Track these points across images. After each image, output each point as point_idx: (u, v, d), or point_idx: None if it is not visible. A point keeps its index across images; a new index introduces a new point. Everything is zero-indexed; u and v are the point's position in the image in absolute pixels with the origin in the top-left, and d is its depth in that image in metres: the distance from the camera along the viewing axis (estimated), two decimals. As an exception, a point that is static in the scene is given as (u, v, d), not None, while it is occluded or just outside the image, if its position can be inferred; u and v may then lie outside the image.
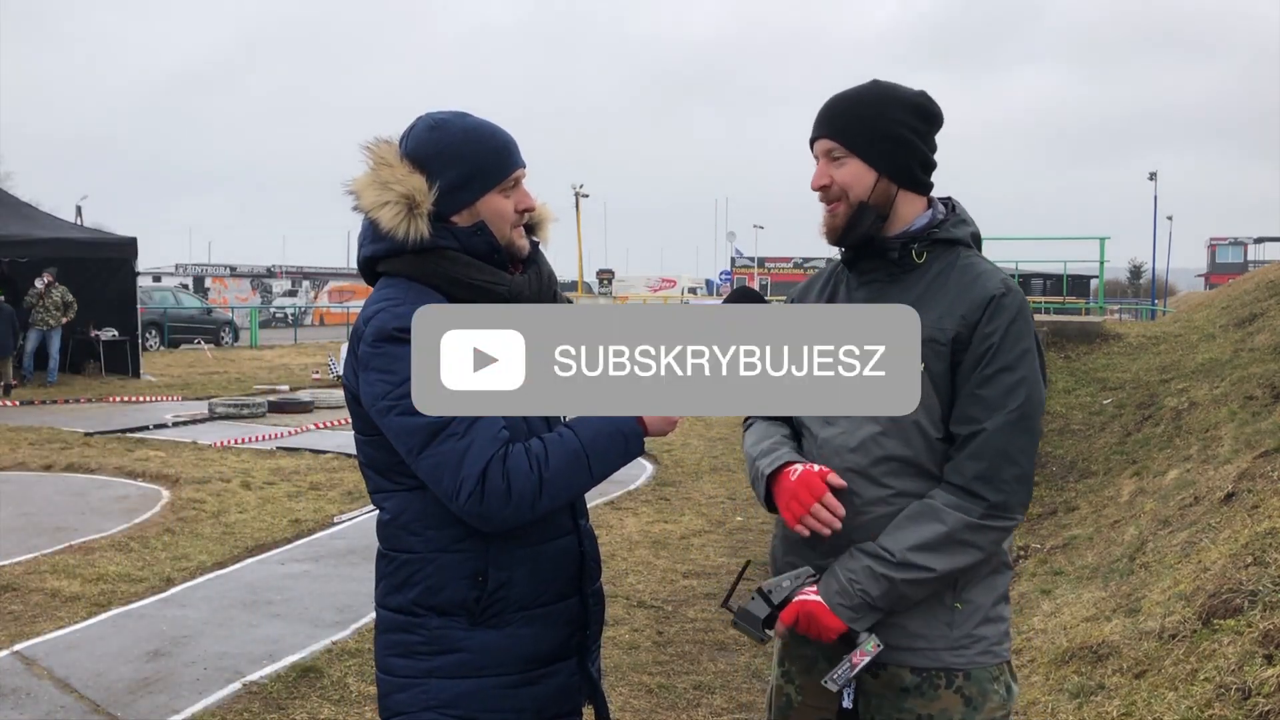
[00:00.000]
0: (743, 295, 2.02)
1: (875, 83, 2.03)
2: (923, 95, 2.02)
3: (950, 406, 1.94)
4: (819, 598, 1.88)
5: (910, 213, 2.01)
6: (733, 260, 59.03)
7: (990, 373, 1.90)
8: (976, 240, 2.06)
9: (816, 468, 1.94)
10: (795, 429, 2.13)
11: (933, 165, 2.03)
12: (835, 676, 1.87)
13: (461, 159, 1.89)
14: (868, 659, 1.86)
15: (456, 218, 1.91)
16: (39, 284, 16.42)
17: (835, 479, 1.93)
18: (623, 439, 1.85)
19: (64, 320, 16.71)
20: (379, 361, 1.81)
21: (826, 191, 2.00)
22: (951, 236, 2.00)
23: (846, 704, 1.92)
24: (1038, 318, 13.46)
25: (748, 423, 2.27)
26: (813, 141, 2.03)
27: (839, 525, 1.91)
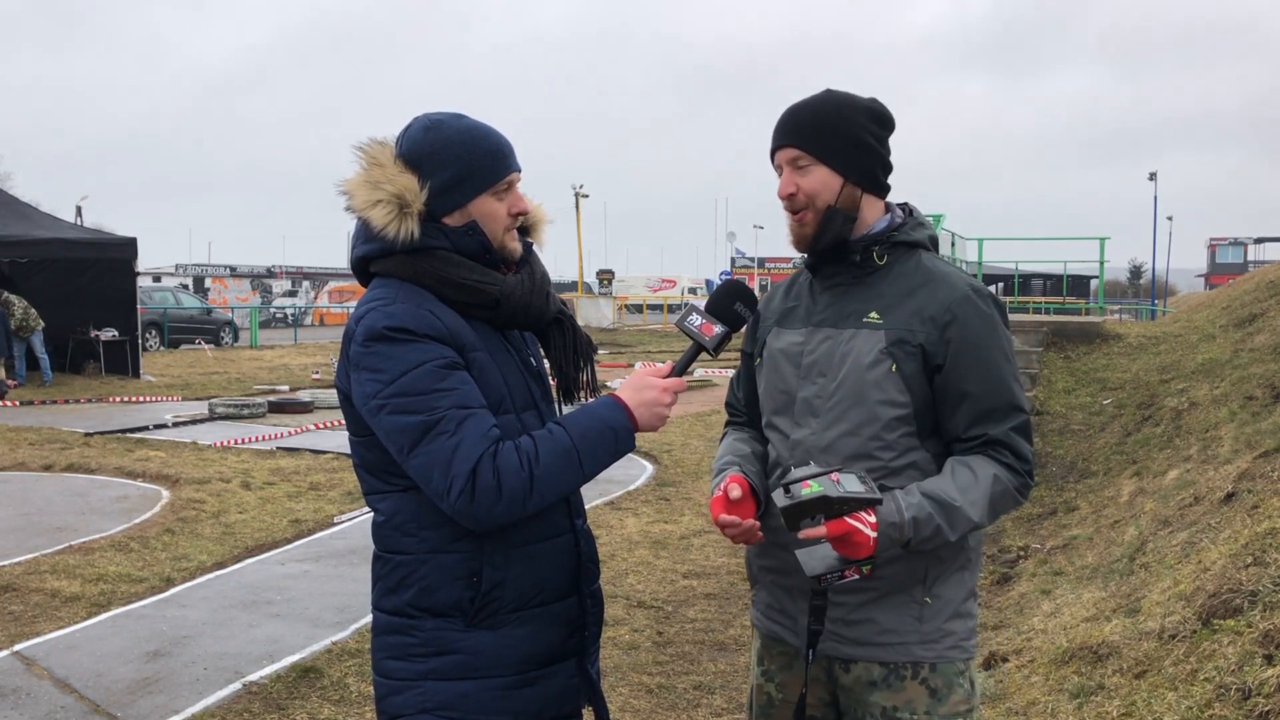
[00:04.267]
0: (732, 291, 2.00)
1: (830, 91, 2.07)
2: (875, 102, 2.07)
3: (925, 407, 1.97)
4: (874, 532, 1.81)
5: (870, 216, 2.05)
6: (733, 260, 59.00)
7: (975, 376, 1.95)
8: (934, 243, 2.11)
9: (720, 489, 1.97)
10: (764, 434, 2.15)
11: (891, 169, 2.08)
12: (826, 577, 1.83)
13: (455, 160, 1.88)
14: (856, 578, 1.84)
15: (448, 219, 1.90)
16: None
17: (734, 489, 1.95)
18: (613, 435, 1.85)
19: (40, 325, 16.41)
20: (370, 361, 1.81)
21: (793, 200, 2.02)
22: (911, 239, 2.05)
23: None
24: (1037, 318, 13.48)
25: (724, 433, 2.31)
26: (774, 151, 2.06)
27: (748, 534, 1.94)
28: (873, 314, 1.99)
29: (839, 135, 2.00)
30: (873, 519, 1.81)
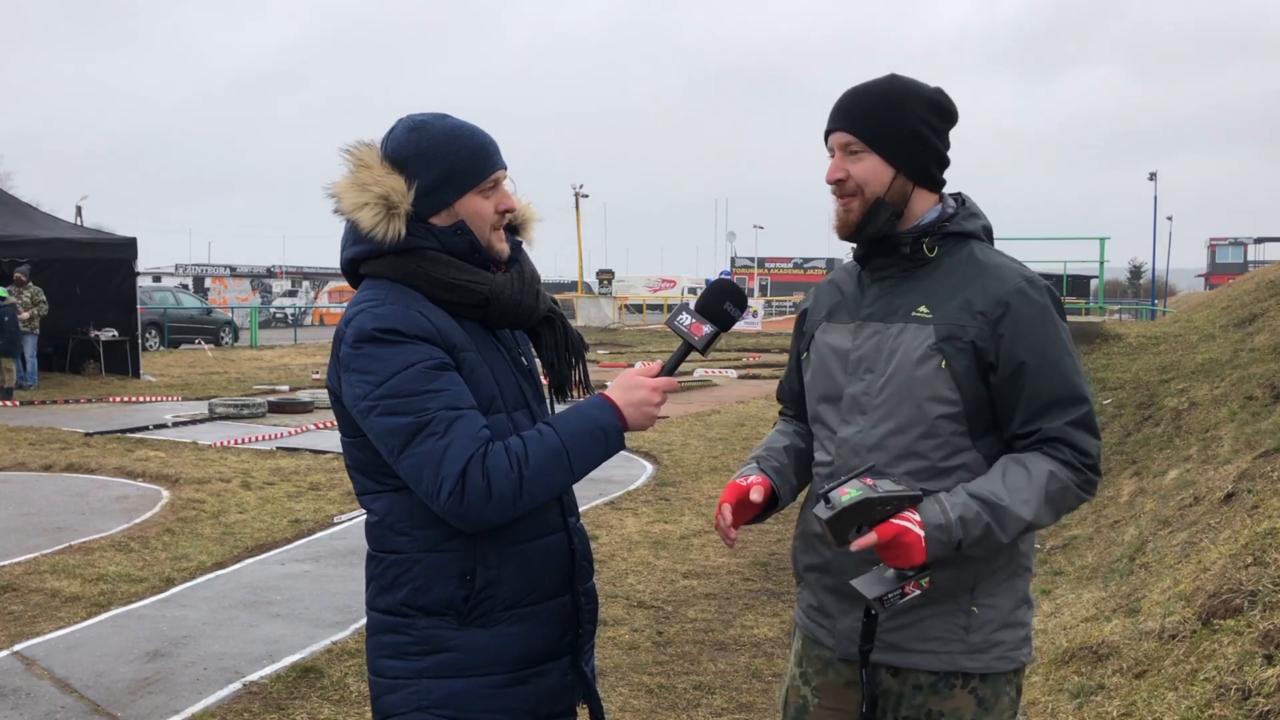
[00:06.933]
0: (722, 291, 1.97)
1: (894, 77, 2.00)
2: (939, 92, 1.99)
3: (977, 406, 1.90)
4: (920, 530, 1.77)
5: (920, 208, 1.98)
6: (732, 260, 59.06)
7: (1029, 370, 1.87)
8: (988, 233, 2.03)
9: (745, 480, 2.00)
10: (811, 430, 2.12)
11: (947, 163, 2.01)
12: (887, 598, 1.78)
13: (440, 160, 1.89)
14: (917, 594, 1.79)
15: (436, 219, 1.91)
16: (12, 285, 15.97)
17: (756, 492, 1.98)
18: (603, 435, 1.85)
19: (36, 330, 16.15)
20: (359, 362, 1.81)
21: (841, 186, 1.97)
22: (963, 230, 1.97)
23: (884, 616, 1.86)
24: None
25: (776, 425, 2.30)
26: (829, 133, 2.00)
27: (726, 533, 1.97)
28: (922, 308, 1.92)
29: (896, 125, 1.93)
30: (917, 518, 1.76)
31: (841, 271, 2.16)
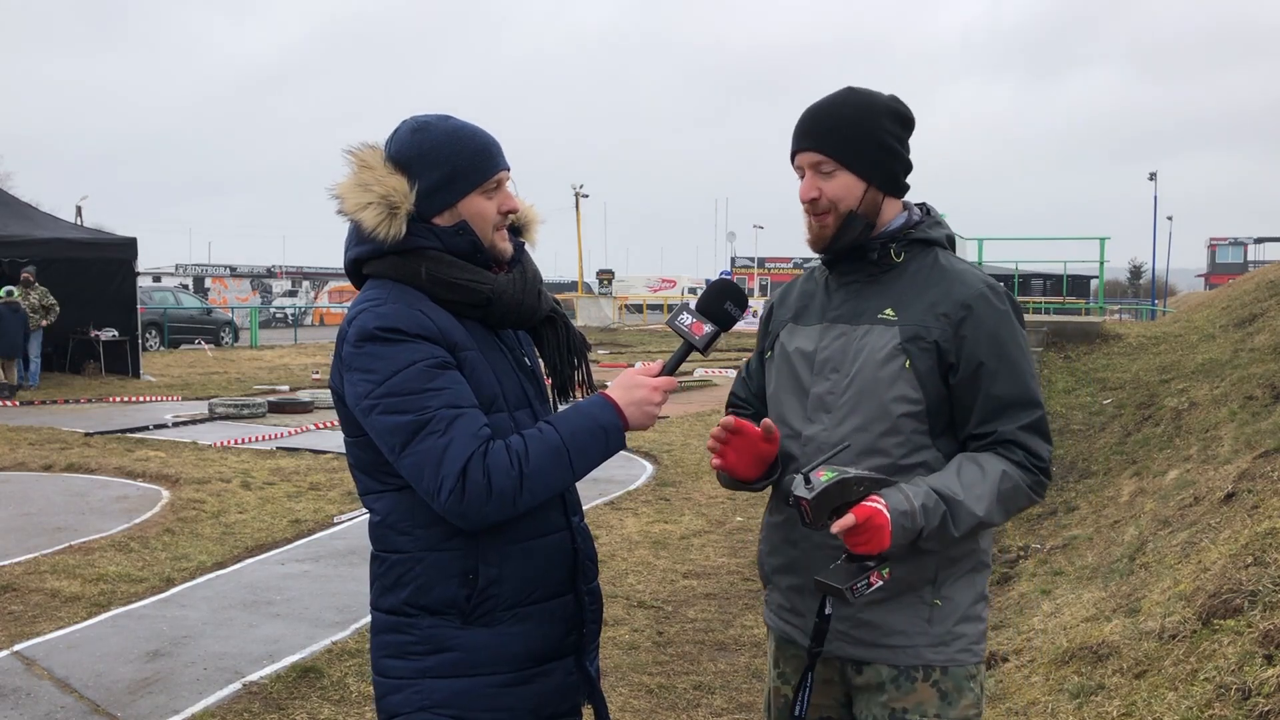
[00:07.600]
0: (722, 290, 1.99)
1: (851, 90, 2.03)
2: (896, 100, 2.04)
3: (938, 405, 1.95)
4: (887, 514, 1.80)
5: (888, 215, 2.03)
6: (732, 260, 59.08)
7: (987, 372, 1.93)
8: (951, 242, 2.09)
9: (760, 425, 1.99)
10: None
11: (911, 168, 2.05)
12: (856, 586, 1.80)
13: (443, 160, 1.90)
14: (880, 584, 1.83)
15: (438, 219, 1.92)
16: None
17: (769, 427, 1.98)
18: (603, 434, 1.86)
19: (43, 324, 16.10)
20: (361, 361, 1.82)
21: (815, 204, 2.01)
22: (928, 237, 2.04)
23: (828, 610, 1.90)
24: (1037, 318, 13.48)
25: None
26: (795, 153, 2.04)
27: (721, 438, 1.98)
28: (888, 310, 1.98)
29: (863, 140, 1.98)
30: (885, 502, 1.80)
31: (808, 275, 2.20)
